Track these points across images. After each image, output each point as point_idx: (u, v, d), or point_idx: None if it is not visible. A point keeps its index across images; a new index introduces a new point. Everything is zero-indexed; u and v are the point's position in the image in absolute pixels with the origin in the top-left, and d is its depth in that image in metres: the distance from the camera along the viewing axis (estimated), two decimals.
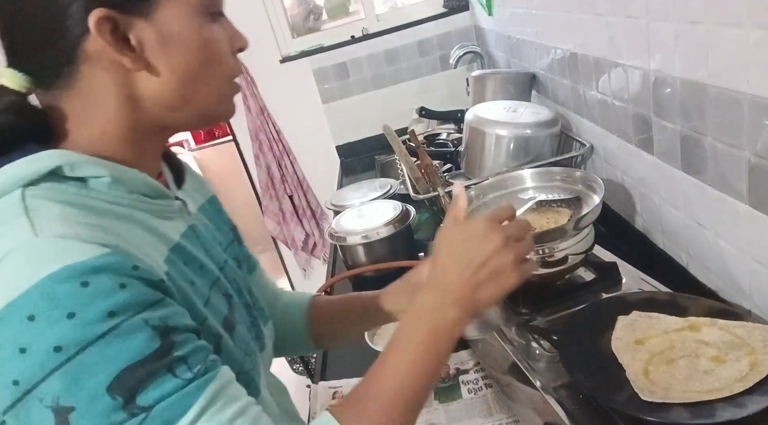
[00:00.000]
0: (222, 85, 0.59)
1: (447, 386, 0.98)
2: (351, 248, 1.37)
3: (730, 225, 0.80)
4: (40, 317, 0.41)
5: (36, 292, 0.41)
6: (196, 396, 0.45)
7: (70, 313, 0.41)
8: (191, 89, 0.56)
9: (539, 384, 0.74)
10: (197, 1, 0.54)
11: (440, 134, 1.91)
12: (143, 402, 0.43)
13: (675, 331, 0.73)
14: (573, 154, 1.31)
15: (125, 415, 0.42)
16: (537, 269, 0.69)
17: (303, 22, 2.59)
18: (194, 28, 0.54)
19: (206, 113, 0.59)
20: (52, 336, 0.41)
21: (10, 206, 0.47)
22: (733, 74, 0.69)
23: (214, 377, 0.47)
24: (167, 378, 0.44)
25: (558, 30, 1.32)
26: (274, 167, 2.55)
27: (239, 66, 0.61)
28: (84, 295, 0.42)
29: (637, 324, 0.76)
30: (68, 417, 0.41)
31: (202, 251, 0.63)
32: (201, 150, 4.20)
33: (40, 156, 0.50)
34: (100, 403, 0.42)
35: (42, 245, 0.44)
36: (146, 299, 0.45)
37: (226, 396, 0.47)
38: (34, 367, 0.41)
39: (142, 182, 0.56)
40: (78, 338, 0.41)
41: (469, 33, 2.40)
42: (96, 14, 0.49)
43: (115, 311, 0.43)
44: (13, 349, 0.41)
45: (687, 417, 0.59)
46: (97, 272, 0.43)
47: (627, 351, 0.71)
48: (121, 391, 0.42)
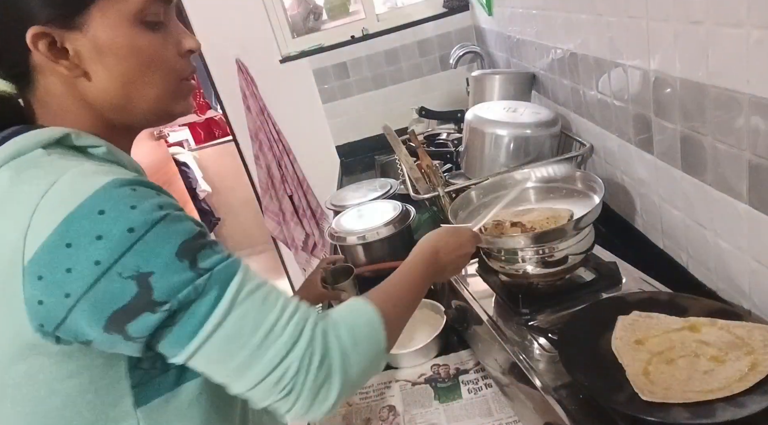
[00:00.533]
0: (167, 86, 0.63)
1: (447, 386, 0.98)
2: (351, 248, 1.38)
3: (730, 225, 0.80)
4: (110, 211, 0.51)
5: (101, 193, 0.51)
6: (237, 264, 0.57)
7: (132, 206, 0.52)
8: (134, 91, 0.61)
9: (539, 384, 0.74)
10: (129, 12, 0.59)
11: (440, 134, 1.91)
12: (204, 265, 0.54)
13: (675, 331, 0.73)
14: (573, 154, 1.31)
15: (193, 274, 0.53)
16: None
17: (303, 22, 2.59)
18: (126, 37, 0.59)
19: (157, 112, 0.65)
20: (123, 222, 0.51)
21: (38, 157, 0.55)
22: (733, 74, 0.69)
23: (238, 258, 0.58)
24: (212, 252, 0.56)
25: (558, 30, 1.32)
26: (274, 167, 2.55)
27: (188, 67, 0.66)
28: (137, 195, 0.53)
29: (637, 324, 0.76)
30: (149, 280, 0.51)
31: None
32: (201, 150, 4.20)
33: (51, 127, 0.58)
34: (173, 265, 0.52)
35: (90, 169, 0.54)
36: (176, 204, 0.57)
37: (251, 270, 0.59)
38: (112, 248, 0.50)
39: (128, 160, 0.64)
40: (145, 220, 0.52)
41: (469, 33, 2.40)
42: (31, 31, 0.56)
43: (162, 205, 0.54)
44: (90, 238, 0.50)
45: (687, 417, 0.59)
46: (139, 184, 0.54)
47: (627, 351, 0.71)
48: (186, 256, 0.53)
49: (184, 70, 0.65)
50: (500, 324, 0.89)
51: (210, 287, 0.54)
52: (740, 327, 0.70)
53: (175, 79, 0.64)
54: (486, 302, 0.96)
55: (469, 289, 1.01)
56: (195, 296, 0.53)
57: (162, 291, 0.51)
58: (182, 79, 0.65)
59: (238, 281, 0.56)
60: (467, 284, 1.03)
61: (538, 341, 0.82)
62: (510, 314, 0.90)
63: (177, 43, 0.64)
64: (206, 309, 0.53)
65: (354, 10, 2.63)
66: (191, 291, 0.53)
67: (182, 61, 0.65)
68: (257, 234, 4.03)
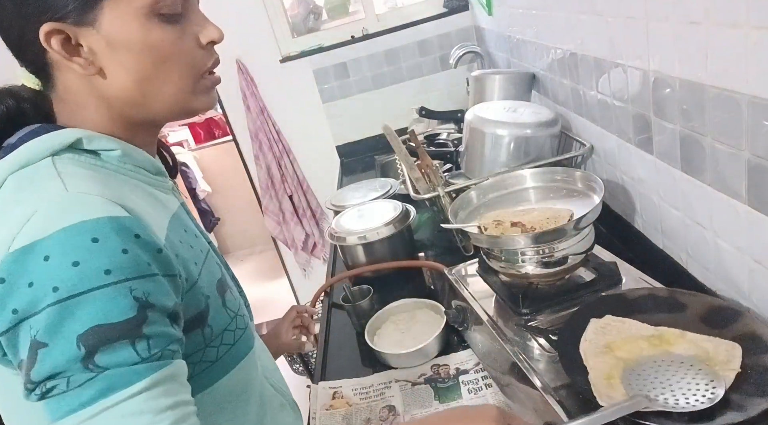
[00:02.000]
0: (185, 81, 0.61)
1: (447, 386, 0.98)
2: (351, 248, 1.38)
3: (729, 225, 0.80)
4: (53, 259, 0.47)
5: (55, 237, 0.48)
6: (144, 375, 0.48)
7: (75, 262, 0.47)
8: (150, 88, 0.60)
9: (539, 384, 0.74)
10: (142, 5, 0.56)
11: (440, 134, 1.91)
12: (99, 362, 0.47)
13: (645, 339, 0.73)
14: (573, 154, 1.31)
15: (81, 366, 0.47)
16: None
17: (303, 22, 2.59)
18: (139, 31, 0.57)
19: (176, 108, 0.63)
20: (56, 276, 0.47)
21: (44, 171, 0.54)
22: (733, 74, 0.70)
23: (166, 365, 0.50)
24: (127, 349, 0.48)
25: (558, 30, 1.32)
26: (274, 167, 2.55)
27: (209, 60, 0.63)
28: (94, 249, 0.48)
29: (608, 328, 0.76)
30: (39, 351, 0.47)
31: (192, 228, 0.69)
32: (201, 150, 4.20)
33: (61, 131, 0.57)
34: (67, 348, 0.46)
35: (69, 199, 0.51)
36: (140, 270, 0.50)
37: (170, 387, 0.50)
38: (34, 300, 0.47)
39: (145, 159, 0.64)
40: (74, 284, 0.47)
41: (469, 33, 2.40)
42: (44, 29, 0.55)
43: (111, 271, 0.48)
44: (24, 281, 0.47)
45: (686, 419, 0.60)
46: (107, 231, 0.49)
47: (594, 355, 0.71)
48: (87, 344, 0.47)
49: (204, 64, 0.63)
50: (500, 324, 0.89)
51: (86, 387, 0.47)
52: (708, 341, 0.69)
53: (194, 74, 0.62)
54: (486, 302, 0.96)
55: (469, 289, 1.01)
56: (65, 388, 0.47)
57: (40, 371, 0.47)
58: (203, 73, 0.63)
59: (125, 395, 0.47)
60: (467, 284, 1.03)
61: (538, 341, 0.82)
62: (510, 315, 0.90)
63: (197, 35, 0.62)
64: (65, 408, 0.47)
65: (354, 10, 2.63)
66: (63, 382, 0.47)
67: (203, 54, 0.62)
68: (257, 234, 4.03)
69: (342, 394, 1.03)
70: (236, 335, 0.68)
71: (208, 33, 0.62)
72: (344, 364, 1.13)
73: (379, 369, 1.07)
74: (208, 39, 0.62)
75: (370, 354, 1.09)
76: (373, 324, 1.15)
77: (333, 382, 1.07)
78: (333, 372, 1.11)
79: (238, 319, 0.68)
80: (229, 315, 0.67)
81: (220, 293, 0.66)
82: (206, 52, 0.63)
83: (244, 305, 0.76)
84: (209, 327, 0.62)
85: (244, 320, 0.70)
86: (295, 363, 2.02)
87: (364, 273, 1.35)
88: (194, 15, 0.62)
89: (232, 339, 0.67)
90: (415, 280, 1.31)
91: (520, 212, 1.01)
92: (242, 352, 0.69)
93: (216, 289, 0.65)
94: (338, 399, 1.01)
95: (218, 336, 0.64)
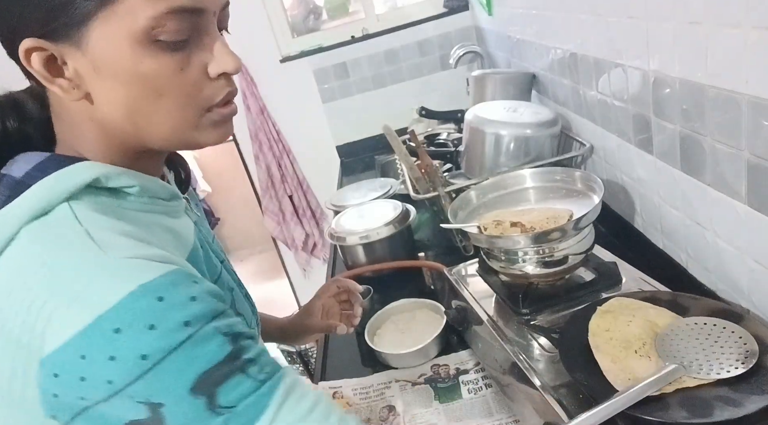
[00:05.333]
0: (186, 115, 0.53)
1: (447, 386, 0.98)
2: (351, 248, 1.38)
3: (729, 225, 0.80)
4: (125, 330, 0.44)
5: (120, 308, 0.44)
6: (271, 394, 0.48)
7: (150, 325, 0.44)
8: (142, 120, 0.52)
9: (539, 384, 0.74)
10: (135, 29, 0.48)
11: (440, 134, 1.91)
12: (224, 402, 0.46)
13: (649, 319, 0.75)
14: (573, 154, 1.31)
15: (210, 413, 0.45)
16: None
17: (303, 22, 2.59)
18: (129, 59, 0.49)
19: (176, 141, 0.55)
20: (137, 345, 0.44)
21: (66, 225, 0.48)
22: (732, 75, 0.70)
23: (283, 375, 0.50)
24: (242, 379, 0.47)
25: (558, 30, 1.32)
26: (274, 167, 2.55)
27: (219, 93, 0.54)
28: (161, 307, 0.45)
29: (613, 307, 0.78)
30: (160, 410, 0.45)
31: (207, 246, 0.65)
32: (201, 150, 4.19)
33: (77, 168, 0.51)
34: (185, 401, 0.45)
35: (115, 266, 0.46)
36: (214, 309, 0.48)
37: (298, 391, 0.50)
38: (124, 372, 0.44)
39: (159, 186, 0.58)
40: (161, 346, 0.44)
41: (469, 33, 2.40)
42: (24, 45, 0.48)
43: (190, 321, 0.46)
44: (104, 357, 0.44)
45: (685, 416, 0.60)
46: (168, 287, 0.46)
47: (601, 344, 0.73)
48: (203, 392, 0.45)
49: (211, 98, 0.54)
50: (500, 324, 0.89)
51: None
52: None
53: (198, 108, 0.54)
54: (486, 302, 0.96)
55: (469, 289, 1.02)
56: None
57: (174, 423, 0.46)
58: (210, 108, 0.54)
59: (267, 420, 0.47)
60: (467, 284, 1.03)
61: (539, 341, 0.82)
62: (510, 314, 0.90)
63: (206, 64, 0.53)
64: None
65: (354, 10, 2.63)
66: None
67: (212, 86, 0.53)
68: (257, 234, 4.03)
69: (342, 394, 1.03)
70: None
71: (221, 64, 0.53)
72: (344, 364, 1.13)
73: (379, 369, 1.07)
74: (219, 71, 0.53)
75: (370, 354, 1.09)
76: (373, 324, 1.15)
77: (333, 382, 1.07)
78: (333, 372, 1.11)
79: None
80: None
81: None
82: (216, 84, 0.54)
83: (254, 322, 0.72)
84: None
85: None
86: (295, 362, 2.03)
87: (364, 273, 1.35)
88: (207, 40, 0.52)
89: None
90: (415, 280, 1.31)
91: (520, 212, 1.01)
92: None
93: None
94: (338, 399, 1.02)
95: None
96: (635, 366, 0.68)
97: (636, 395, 0.61)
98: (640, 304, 0.78)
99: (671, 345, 0.69)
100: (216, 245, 0.71)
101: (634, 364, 0.68)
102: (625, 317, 0.76)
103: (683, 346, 0.68)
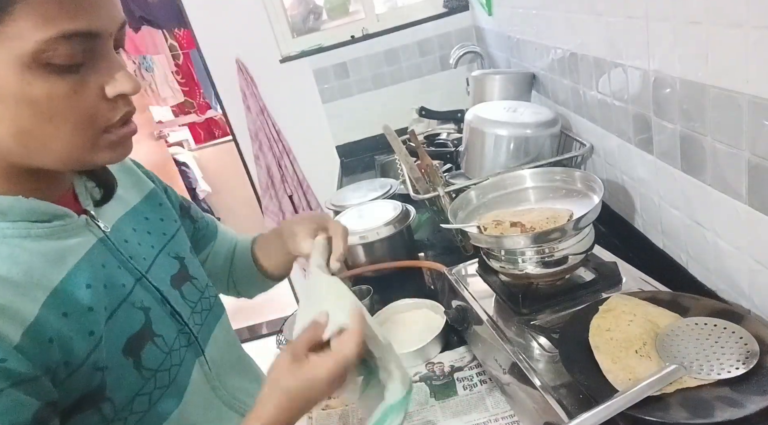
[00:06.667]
0: (81, 136, 0.51)
1: (442, 383, 0.98)
2: (351, 248, 1.37)
3: (729, 225, 0.80)
4: None
5: None
6: None
7: None
8: (33, 142, 0.50)
9: (539, 384, 0.74)
10: (24, 52, 0.46)
11: (440, 134, 1.92)
12: None
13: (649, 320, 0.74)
14: (573, 154, 1.31)
15: None
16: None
17: (303, 22, 2.59)
18: (16, 83, 0.47)
19: (71, 162, 0.53)
20: None
21: None
22: (733, 74, 0.70)
23: None
24: None
25: (558, 30, 1.32)
26: (274, 167, 2.55)
27: (115, 113, 0.53)
28: None
29: (611, 304, 0.78)
30: None
31: (113, 265, 0.61)
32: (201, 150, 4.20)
33: None
34: None
35: None
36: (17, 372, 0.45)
37: None
38: None
39: (28, 209, 0.54)
40: None
41: (469, 33, 2.40)
42: None
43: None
44: None
45: (686, 416, 0.60)
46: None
47: (602, 344, 0.73)
48: None
49: (107, 119, 0.52)
50: (500, 324, 0.89)
51: None
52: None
53: (94, 130, 0.52)
54: (486, 302, 0.96)
55: (469, 289, 1.01)
56: None
57: None
58: (105, 129, 0.53)
59: None
60: (467, 284, 1.03)
61: (539, 341, 0.82)
62: (510, 314, 0.90)
63: (102, 86, 0.51)
64: None
65: (354, 10, 2.63)
66: None
67: (107, 107, 0.52)
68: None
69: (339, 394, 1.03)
70: (153, 397, 0.59)
71: (118, 85, 0.52)
72: None
73: None
74: (116, 92, 0.52)
75: None
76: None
77: None
78: None
79: (158, 377, 0.60)
80: (143, 377, 0.59)
81: (133, 352, 0.58)
82: (113, 105, 0.53)
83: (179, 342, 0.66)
84: (109, 401, 0.55)
85: (169, 374, 0.62)
86: None
87: (364, 273, 1.35)
88: (103, 62, 0.51)
89: (147, 404, 0.59)
90: (415, 280, 1.31)
91: (520, 212, 1.01)
92: (162, 415, 0.60)
93: (125, 350, 0.58)
94: (334, 399, 1.01)
95: (126, 406, 0.56)
96: (635, 366, 0.67)
97: (636, 395, 0.61)
98: (641, 304, 0.78)
99: (672, 345, 0.69)
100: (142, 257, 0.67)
101: (635, 364, 0.68)
102: (626, 317, 0.75)
103: (684, 346, 0.68)
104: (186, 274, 0.74)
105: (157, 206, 0.77)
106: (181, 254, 0.75)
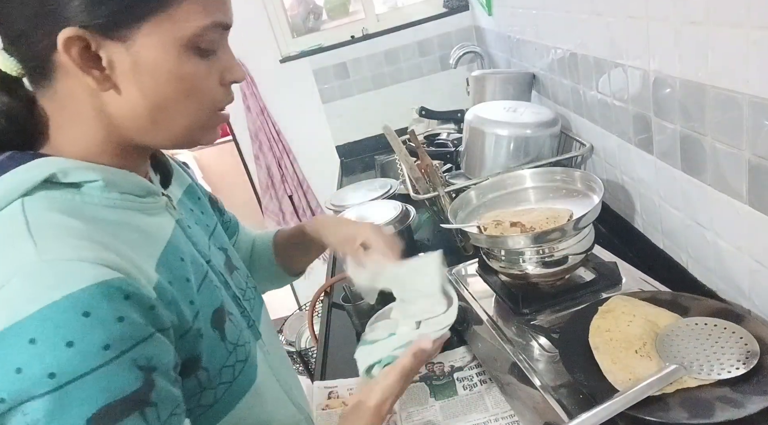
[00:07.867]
0: (200, 116, 0.58)
1: (442, 383, 0.98)
2: None
3: (729, 225, 0.80)
4: (41, 342, 0.42)
5: (39, 317, 0.43)
6: None
7: (69, 342, 0.43)
8: (163, 117, 0.56)
9: (539, 384, 0.74)
10: (184, 36, 0.53)
11: (440, 134, 1.91)
12: None
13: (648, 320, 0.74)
14: (573, 154, 1.31)
15: None
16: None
17: (303, 22, 2.59)
18: (174, 61, 0.53)
19: (181, 139, 0.59)
20: (49, 361, 0.42)
21: (12, 220, 0.49)
22: (733, 74, 0.69)
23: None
24: (137, 422, 0.45)
25: (558, 30, 1.32)
26: (274, 167, 2.55)
27: (227, 98, 0.61)
28: (84, 325, 0.44)
29: (612, 305, 0.78)
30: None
31: (190, 246, 0.65)
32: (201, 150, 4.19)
33: (33, 165, 0.52)
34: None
35: (45, 270, 0.45)
36: (139, 335, 0.47)
37: None
38: (24, 388, 0.42)
39: (133, 183, 0.59)
40: (72, 368, 0.43)
41: (469, 33, 2.40)
42: (66, 33, 0.49)
43: (110, 345, 0.44)
44: (9, 368, 0.42)
45: (686, 416, 0.60)
46: (98, 301, 0.44)
47: (602, 344, 0.73)
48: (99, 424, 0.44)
49: (222, 101, 0.60)
50: (500, 324, 0.89)
51: None
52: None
53: (211, 110, 0.59)
54: (486, 302, 0.96)
55: (469, 289, 1.01)
56: None
57: None
58: (218, 110, 0.60)
59: None
60: (467, 284, 1.03)
61: (539, 341, 0.82)
62: (510, 314, 0.90)
63: (222, 72, 0.59)
64: None
65: (354, 10, 2.63)
66: None
67: (222, 91, 0.60)
68: None
69: (338, 394, 1.03)
70: (236, 369, 0.63)
71: (235, 73, 0.60)
72: (344, 364, 1.13)
73: None
74: (233, 79, 0.60)
75: None
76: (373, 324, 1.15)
77: (328, 382, 1.07)
78: (332, 372, 1.11)
79: (238, 351, 0.64)
80: (227, 349, 0.62)
81: (218, 325, 0.62)
82: (227, 91, 0.61)
83: (246, 325, 0.70)
84: (204, 370, 0.58)
85: (245, 349, 0.66)
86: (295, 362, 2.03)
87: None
88: (223, 53, 0.59)
89: (232, 376, 0.62)
90: None
91: (520, 212, 1.01)
92: (243, 388, 0.64)
93: (212, 323, 0.61)
94: (334, 399, 1.01)
95: (216, 376, 0.60)
96: (636, 367, 0.67)
97: (636, 395, 0.61)
98: (641, 304, 0.78)
99: (672, 345, 0.69)
100: (204, 242, 0.70)
101: (635, 364, 0.68)
102: (626, 317, 0.75)
103: (684, 346, 0.68)
104: (231, 264, 0.77)
105: (197, 199, 0.79)
106: (224, 246, 0.77)
